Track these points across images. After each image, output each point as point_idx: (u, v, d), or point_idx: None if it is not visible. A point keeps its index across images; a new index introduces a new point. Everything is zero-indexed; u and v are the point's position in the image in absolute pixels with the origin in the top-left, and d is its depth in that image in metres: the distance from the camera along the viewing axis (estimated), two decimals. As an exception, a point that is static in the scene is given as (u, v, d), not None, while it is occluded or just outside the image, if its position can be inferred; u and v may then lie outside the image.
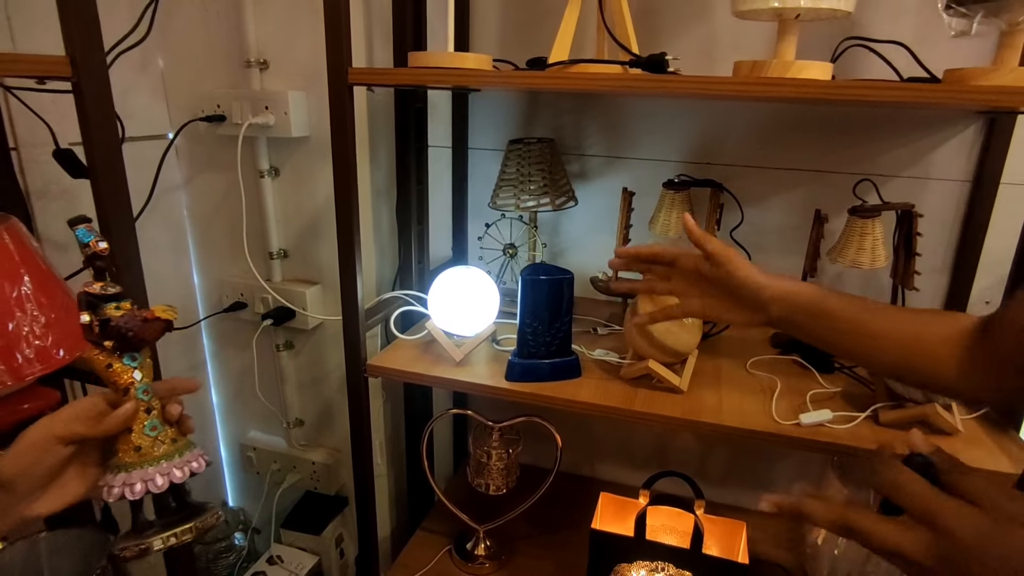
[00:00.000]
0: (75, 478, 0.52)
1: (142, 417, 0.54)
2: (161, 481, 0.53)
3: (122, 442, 0.53)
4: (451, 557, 1.24)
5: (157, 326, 0.55)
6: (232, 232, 1.34)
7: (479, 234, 1.29)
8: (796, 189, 1.14)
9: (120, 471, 0.53)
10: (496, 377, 0.99)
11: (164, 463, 0.54)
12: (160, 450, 0.54)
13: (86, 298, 0.54)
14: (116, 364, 0.54)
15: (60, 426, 0.50)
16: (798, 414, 0.85)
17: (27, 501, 0.49)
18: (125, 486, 0.52)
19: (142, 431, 0.54)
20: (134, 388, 0.54)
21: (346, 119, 0.89)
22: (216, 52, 1.24)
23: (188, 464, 0.55)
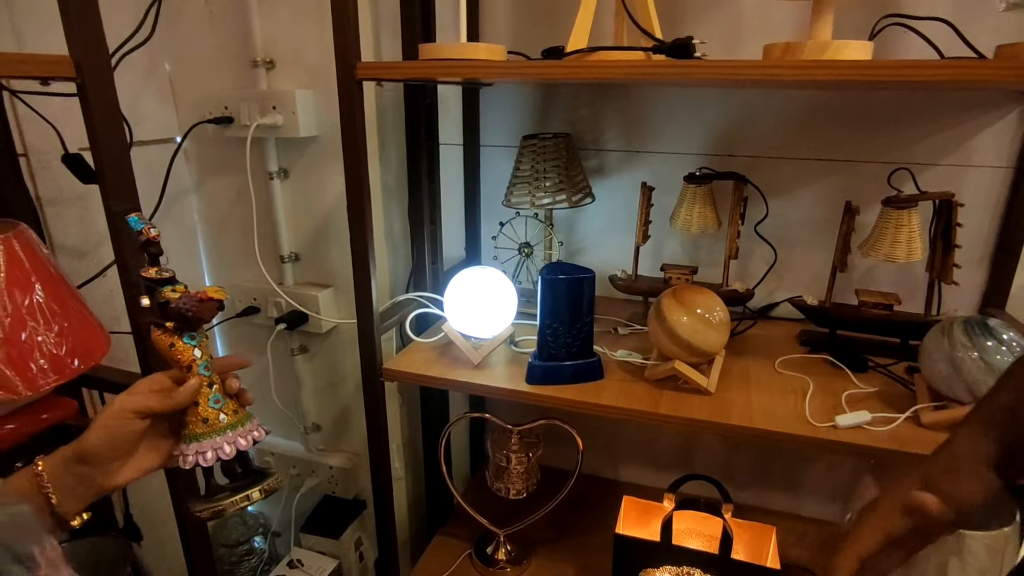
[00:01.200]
0: (150, 451, 0.58)
1: (206, 391, 0.58)
2: (229, 449, 0.58)
3: (191, 415, 0.58)
4: (471, 562, 1.22)
5: (211, 306, 0.58)
6: (243, 236, 1.33)
7: (492, 234, 1.25)
8: (824, 180, 1.10)
9: (192, 441, 0.57)
10: (516, 380, 0.96)
11: (229, 433, 0.59)
12: (225, 421, 0.59)
13: (144, 283, 0.57)
14: (178, 343, 0.58)
15: (134, 401, 0.54)
16: (833, 416, 0.81)
17: (108, 473, 0.54)
18: (198, 454, 0.57)
19: (207, 404, 0.58)
20: (196, 364, 0.58)
21: (356, 115, 0.86)
22: (222, 53, 1.21)
23: (250, 433, 0.60)
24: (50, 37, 0.91)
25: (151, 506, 1.25)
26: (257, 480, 0.59)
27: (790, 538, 1.20)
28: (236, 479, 0.60)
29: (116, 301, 1.18)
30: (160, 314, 0.57)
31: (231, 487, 0.59)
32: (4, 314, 0.59)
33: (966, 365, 0.76)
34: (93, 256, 1.14)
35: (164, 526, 1.28)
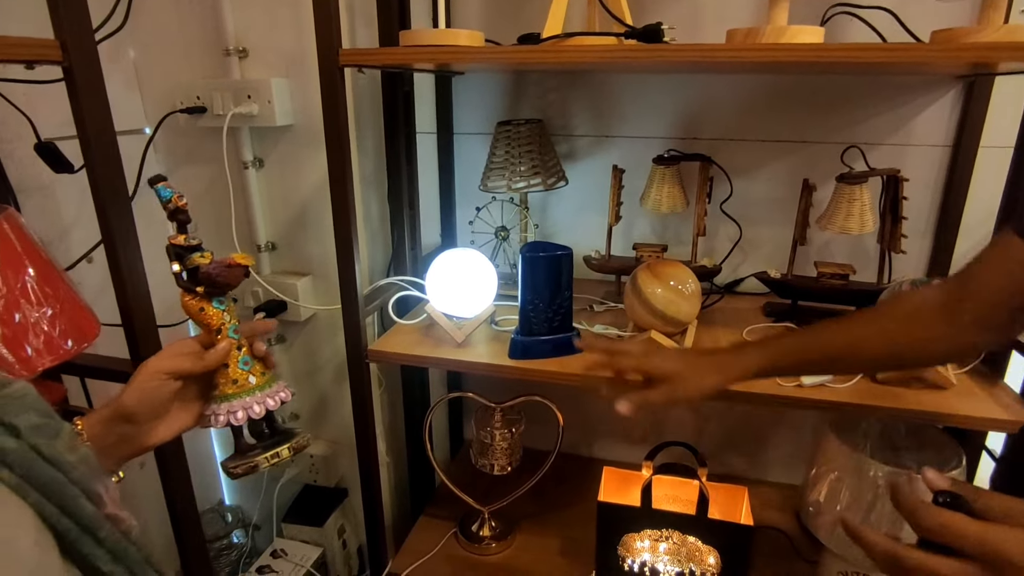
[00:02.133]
0: (182, 411, 0.60)
1: (235, 354, 0.61)
2: (258, 409, 0.60)
3: (221, 376, 0.60)
4: (457, 540, 1.25)
5: (239, 271, 0.60)
6: (218, 226, 1.32)
7: (467, 219, 1.29)
8: (783, 160, 1.17)
9: (223, 401, 0.59)
10: (499, 356, 0.99)
11: (258, 393, 0.61)
12: (254, 382, 0.61)
13: (174, 250, 0.59)
14: (208, 308, 0.60)
15: (168, 363, 0.56)
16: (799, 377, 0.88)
17: (146, 432, 0.56)
18: (230, 414, 0.59)
19: (237, 366, 0.61)
20: (225, 328, 0.60)
21: (338, 102, 0.88)
22: (192, 41, 1.21)
23: (277, 394, 0.63)
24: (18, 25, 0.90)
25: (132, 496, 1.25)
26: (285, 439, 0.62)
27: (757, 502, 1.27)
28: (264, 438, 0.62)
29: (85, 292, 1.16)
30: (190, 280, 0.59)
31: (262, 445, 0.61)
32: None
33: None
34: (59, 247, 1.12)
35: (146, 514, 1.28)
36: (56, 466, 0.35)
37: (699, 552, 1.05)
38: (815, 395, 0.84)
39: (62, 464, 0.35)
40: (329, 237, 0.96)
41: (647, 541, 1.08)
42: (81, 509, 0.35)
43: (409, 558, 1.20)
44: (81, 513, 0.35)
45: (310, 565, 1.41)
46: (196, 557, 0.96)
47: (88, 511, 0.35)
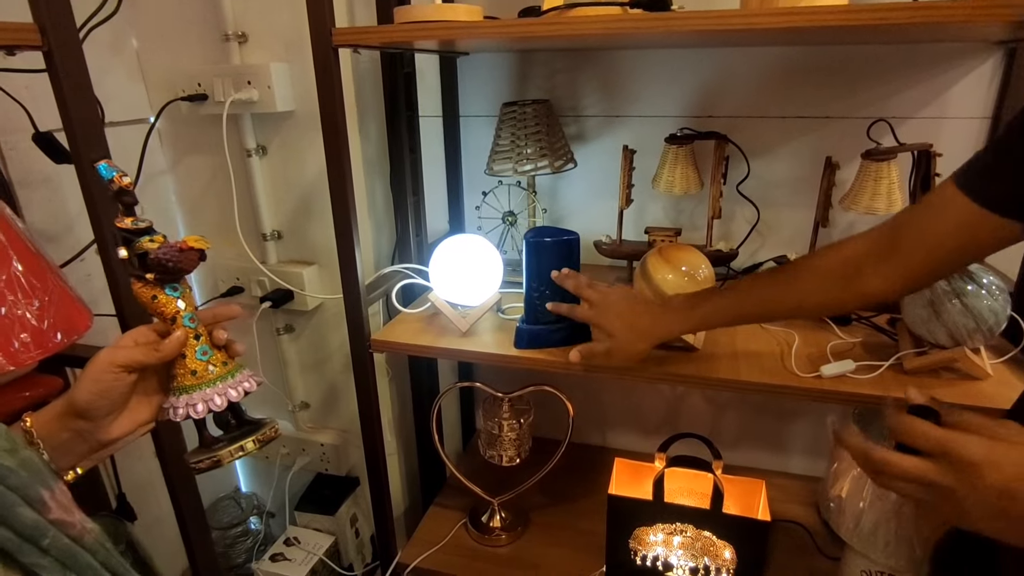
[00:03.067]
0: (141, 404, 0.58)
1: (192, 343, 0.58)
2: (220, 400, 0.57)
3: (179, 367, 0.58)
4: (467, 531, 1.23)
5: (193, 255, 0.57)
6: (223, 215, 1.30)
7: (475, 204, 1.25)
8: (804, 137, 1.11)
9: (182, 393, 0.57)
10: (504, 345, 0.96)
11: (219, 384, 0.58)
12: (214, 372, 0.58)
13: (120, 234, 0.55)
14: (160, 295, 0.57)
15: (122, 355, 0.54)
16: (818, 366, 0.83)
17: (103, 427, 0.54)
18: (188, 406, 0.56)
19: (195, 356, 0.58)
20: (180, 316, 0.57)
21: (333, 85, 0.85)
22: (191, 27, 1.18)
23: (241, 384, 0.59)
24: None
25: (144, 486, 1.25)
26: (252, 431, 0.59)
27: (777, 494, 1.23)
28: (230, 430, 0.60)
29: (94, 283, 1.16)
30: (140, 266, 0.55)
31: (226, 438, 0.58)
32: (-19, 289, 0.58)
33: (946, 309, 0.78)
34: (65, 239, 1.12)
35: (159, 506, 1.29)
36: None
37: (714, 547, 1.02)
38: (835, 387, 0.80)
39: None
40: (333, 225, 0.93)
41: (660, 535, 1.05)
42: (19, 517, 0.32)
43: (419, 548, 1.19)
44: (20, 521, 0.32)
45: (323, 553, 1.41)
46: (201, 551, 0.95)
47: (28, 518, 0.33)
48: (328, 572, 1.44)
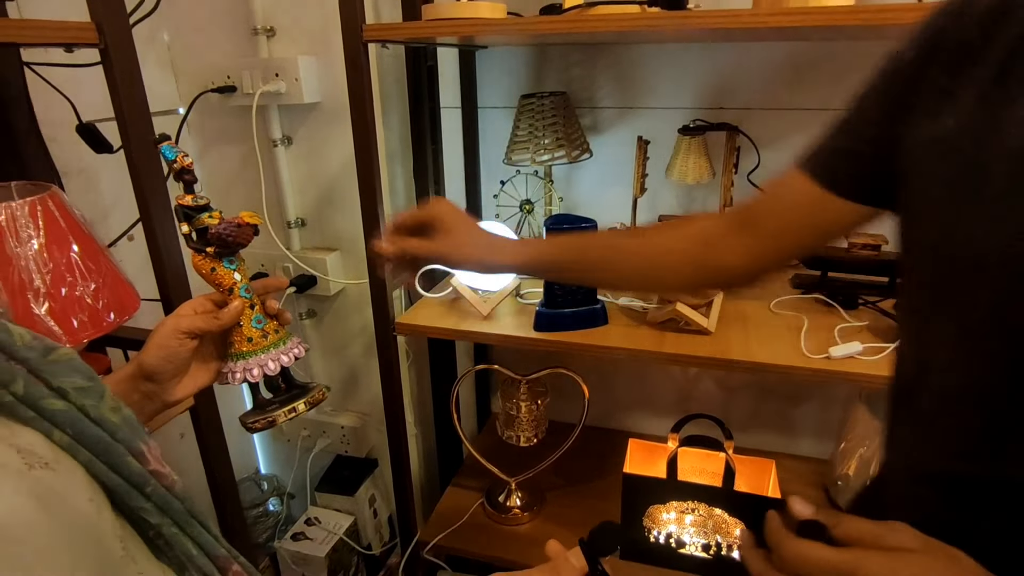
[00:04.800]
0: (202, 368, 0.61)
1: (248, 313, 0.61)
2: (273, 365, 0.60)
3: (236, 335, 0.60)
4: (484, 510, 1.28)
5: (249, 230, 0.59)
6: (248, 203, 1.35)
7: (493, 193, 1.29)
8: (813, 129, 1.10)
9: (239, 359, 0.60)
10: (524, 328, 1.00)
11: (273, 351, 0.61)
12: (268, 339, 0.61)
13: (182, 210, 0.59)
14: (219, 268, 0.60)
15: (185, 322, 0.57)
16: (827, 348, 0.87)
17: (169, 389, 0.58)
18: (246, 371, 0.59)
19: (251, 324, 0.61)
20: (237, 287, 0.60)
21: (363, 78, 0.88)
22: (222, 22, 1.22)
23: (292, 351, 0.63)
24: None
25: (177, 464, 1.30)
26: (301, 394, 0.63)
27: (786, 475, 1.27)
28: (281, 394, 0.63)
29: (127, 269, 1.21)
30: (199, 240, 0.59)
31: (278, 400, 0.62)
32: (46, 270, 0.63)
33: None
34: (99, 228, 1.16)
35: (192, 482, 1.34)
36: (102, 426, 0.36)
37: (725, 524, 1.06)
38: (843, 367, 0.84)
39: (107, 424, 0.37)
40: (357, 213, 0.97)
41: (673, 513, 1.09)
42: (128, 466, 0.36)
43: (438, 527, 1.24)
44: (129, 470, 0.37)
45: (342, 533, 1.46)
46: (234, 521, 1.00)
47: (135, 467, 0.37)
48: (348, 551, 1.49)
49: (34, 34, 0.63)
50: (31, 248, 0.61)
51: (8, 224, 0.59)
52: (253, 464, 1.68)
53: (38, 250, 0.62)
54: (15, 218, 0.60)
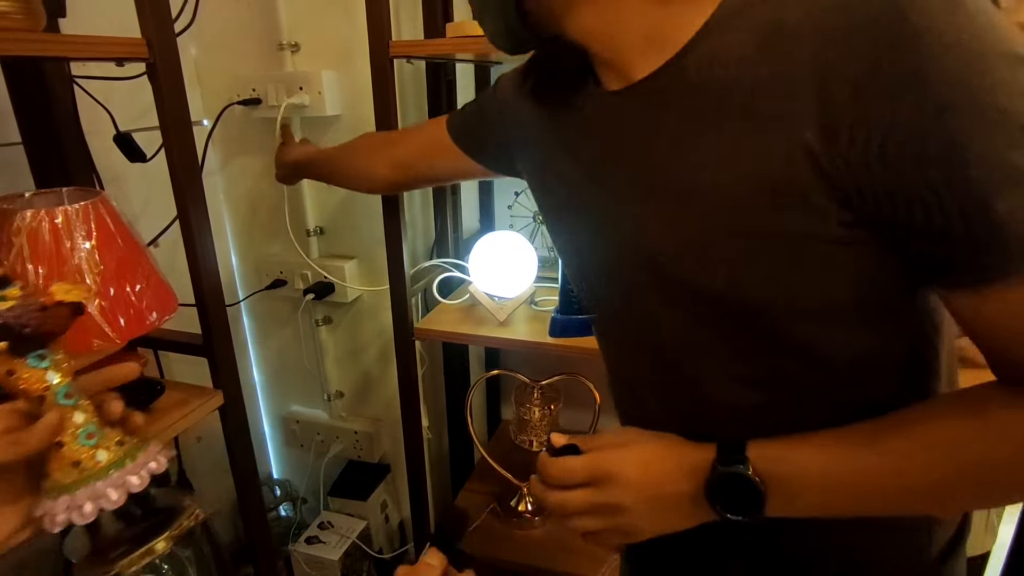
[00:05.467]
0: (5, 512, 0.43)
1: (71, 425, 0.42)
2: (116, 495, 0.42)
3: (54, 460, 0.42)
4: (496, 515, 1.30)
5: (61, 313, 0.42)
6: (269, 212, 1.39)
7: (506, 204, 1.33)
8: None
9: (61, 494, 0.42)
10: (540, 335, 1.03)
11: (115, 473, 0.43)
12: (105, 459, 0.43)
13: None
14: (21, 370, 0.41)
15: None
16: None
17: None
18: (71, 510, 0.41)
19: (76, 441, 0.42)
20: (51, 394, 0.42)
21: (388, 92, 0.93)
22: (248, 38, 1.27)
23: (144, 467, 0.44)
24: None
25: (196, 468, 1.33)
26: (163, 524, 0.48)
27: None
28: (135, 525, 0.49)
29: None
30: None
31: (128, 537, 0.47)
32: (96, 271, 0.66)
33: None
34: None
35: (211, 485, 1.37)
36: None
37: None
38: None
39: None
40: (373, 222, 1.02)
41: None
42: None
43: (450, 530, 1.26)
44: None
45: (356, 536, 1.48)
46: (258, 524, 1.03)
47: None
48: (360, 555, 1.51)
49: (89, 49, 0.67)
50: (84, 249, 0.64)
51: (64, 226, 0.63)
52: (266, 469, 1.71)
53: (90, 251, 0.65)
54: (70, 220, 0.64)
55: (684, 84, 0.44)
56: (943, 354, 0.48)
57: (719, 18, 0.42)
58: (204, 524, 0.96)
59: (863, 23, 0.36)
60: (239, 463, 0.95)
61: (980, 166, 0.35)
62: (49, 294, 0.42)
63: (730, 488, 0.45)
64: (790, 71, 0.38)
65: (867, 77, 0.36)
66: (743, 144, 0.41)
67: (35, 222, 0.61)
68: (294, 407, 1.62)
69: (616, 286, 0.55)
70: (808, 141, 0.38)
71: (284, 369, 1.58)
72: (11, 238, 0.60)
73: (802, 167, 0.38)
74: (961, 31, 0.34)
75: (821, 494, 0.44)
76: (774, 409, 0.49)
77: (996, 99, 0.34)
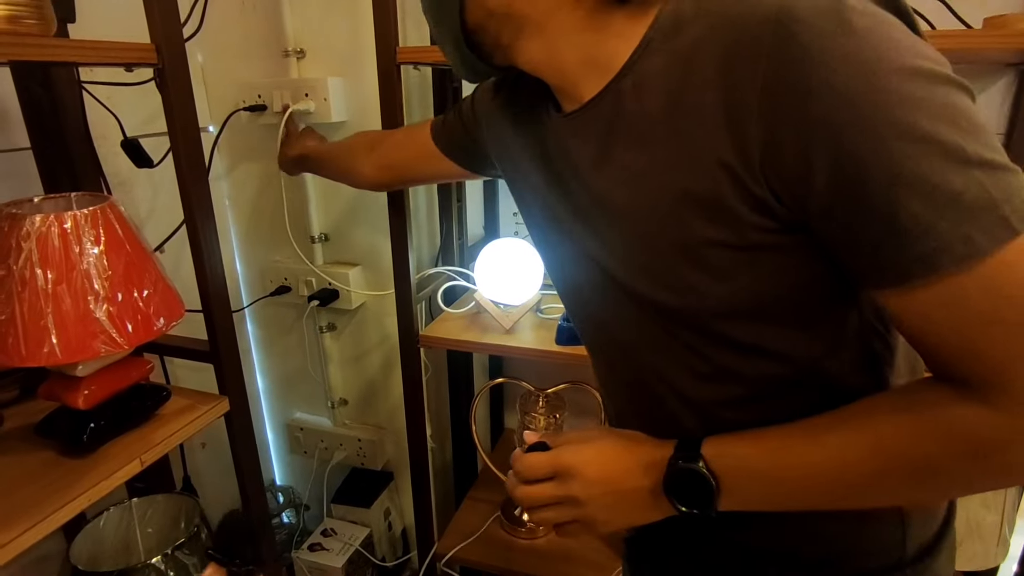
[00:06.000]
0: None
1: None
2: None
3: None
4: (500, 524, 1.29)
5: None
6: (274, 219, 1.39)
7: (512, 211, 1.32)
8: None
9: None
10: (546, 342, 1.03)
11: None
12: None
13: None
14: None
15: None
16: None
17: None
18: None
19: None
20: None
21: (395, 98, 0.93)
22: (253, 44, 1.27)
23: None
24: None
25: (200, 473, 1.33)
26: None
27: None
28: None
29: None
30: None
31: None
32: (105, 276, 0.66)
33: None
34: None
35: (214, 490, 1.36)
36: None
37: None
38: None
39: None
40: (378, 229, 1.01)
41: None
42: None
43: (454, 539, 1.25)
44: None
45: (359, 544, 1.47)
46: (263, 530, 1.02)
47: None
48: (363, 563, 1.50)
49: (97, 54, 0.67)
50: (92, 254, 0.64)
51: (73, 231, 0.63)
52: (269, 475, 1.70)
53: (98, 256, 0.65)
54: (79, 226, 0.63)
55: (620, 108, 0.47)
56: (898, 346, 0.49)
57: (650, 39, 0.45)
58: (208, 530, 0.96)
59: (749, 42, 0.39)
60: (244, 469, 0.95)
61: (879, 180, 0.36)
62: None
63: (685, 483, 0.47)
64: (702, 92, 0.41)
65: (762, 96, 0.38)
66: (670, 163, 0.44)
67: (44, 227, 0.61)
68: (298, 414, 1.61)
69: (578, 293, 0.59)
70: (724, 156, 0.41)
71: (288, 376, 1.57)
72: (20, 243, 0.60)
73: (722, 180, 0.41)
74: (848, 48, 0.36)
75: (768, 487, 0.46)
76: (735, 404, 0.50)
77: (889, 113, 0.35)
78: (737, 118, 0.39)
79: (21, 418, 0.81)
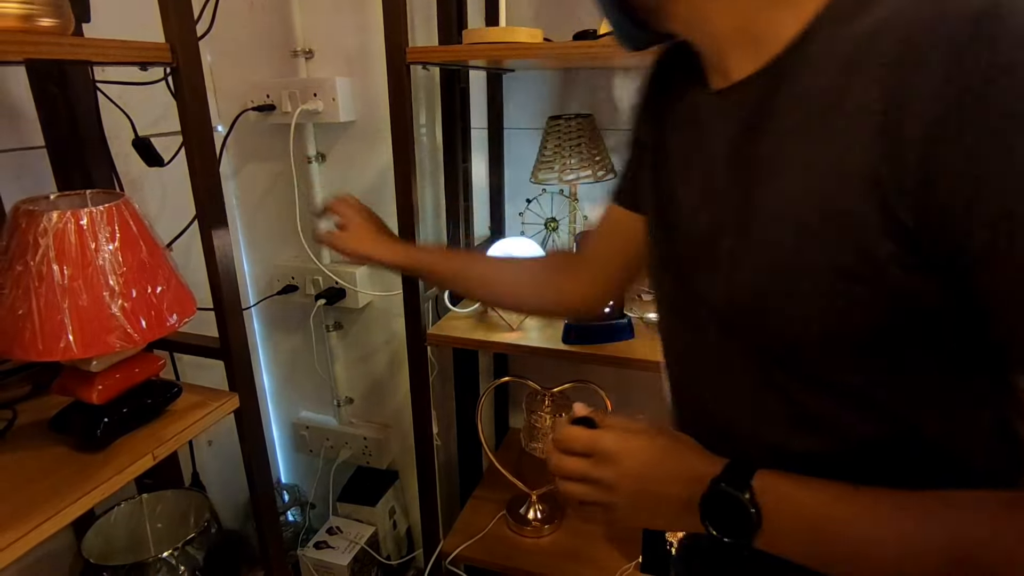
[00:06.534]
0: None
1: None
2: None
3: None
4: (506, 522, 1.29)
5: None
6: (281, 218, 1.40)
7: (516, 211, 1.33)
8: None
9: None
10: (552, 341, 1.04)
11: None
12: None
13: None
14: None
15: None
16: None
17: None
18: None
19: None
20: None
21: (405, 97, 0.93)
22: (262, 45, 1.28)
23: None
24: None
25: (207, 470, 1.33)
26: None
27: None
28: None
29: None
30: None
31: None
32: (120, 272, 0.66)
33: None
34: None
35: (220, 487, 1.37)
36: None
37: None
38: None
39: None
40: (386, 228, 1.01)
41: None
42: None
43: (459, 538, 1.26)
44: None
45: (364, 542, 1.47)
46: (271, 528, 1.02)
47: None
48: (368, 561, 1.51)
49: (116, 53, 0.68)
50: (108, 251, 0.65)
51: (89, 228, 0.64)
52: (275, 474, 1.71)
53: (113, 252, 0.66)
54: (95, 222, 0.64)
55: (774, 94, 0.41)
56: None
57: (824, 17, 0.39)
58: (217, 527, 0.97)
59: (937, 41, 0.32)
60: (253, 466, 0.95)
61: None
62: None
63: (725, 509, 0.44)
64: (867, 90, 0.35)
65: (944, 115, 0.32)
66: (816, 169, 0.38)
67: (61, 223, 0.62)
68: (304, 412, 1.62)
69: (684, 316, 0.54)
70: (877, 170, 0.35)
71: (294, 374, 1.58)
72: (38, 239, 0.61)
73: (867, 197, 0.36)
74: None
75: (812, 544, 0.43)
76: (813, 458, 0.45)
77: None
78: (899, 133, 0.34)
79: (33, 414, 0.81)
